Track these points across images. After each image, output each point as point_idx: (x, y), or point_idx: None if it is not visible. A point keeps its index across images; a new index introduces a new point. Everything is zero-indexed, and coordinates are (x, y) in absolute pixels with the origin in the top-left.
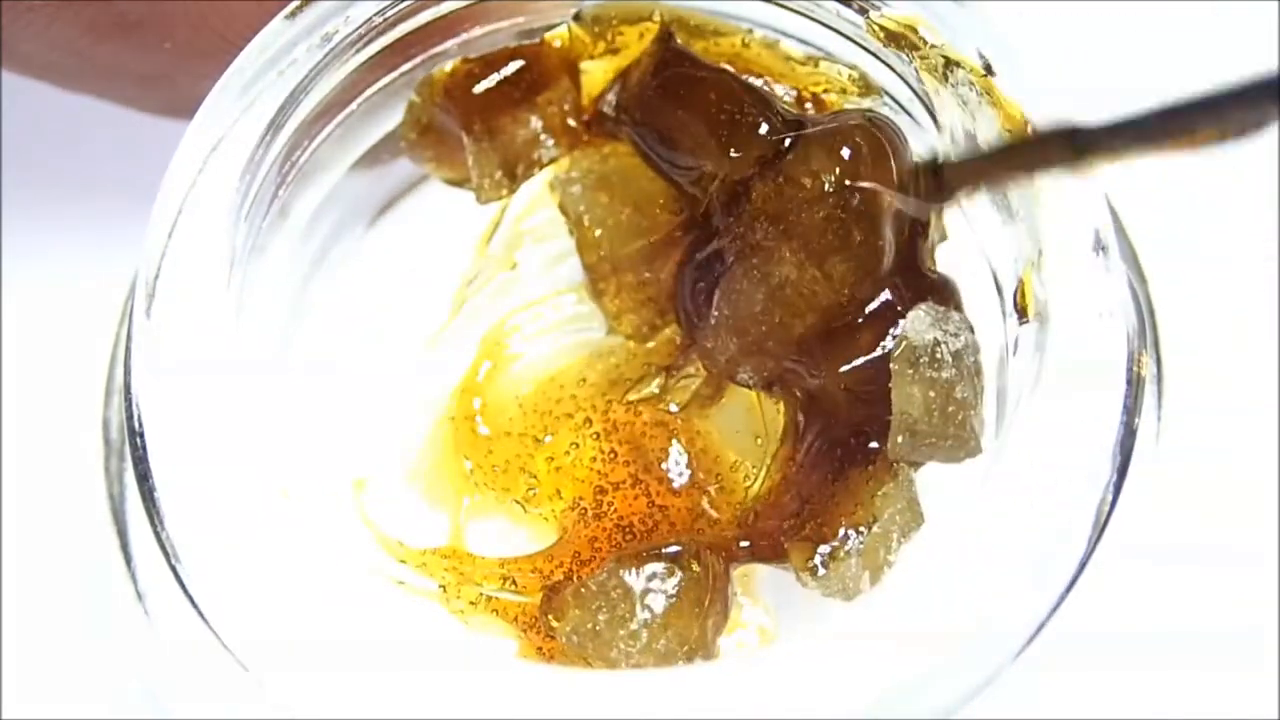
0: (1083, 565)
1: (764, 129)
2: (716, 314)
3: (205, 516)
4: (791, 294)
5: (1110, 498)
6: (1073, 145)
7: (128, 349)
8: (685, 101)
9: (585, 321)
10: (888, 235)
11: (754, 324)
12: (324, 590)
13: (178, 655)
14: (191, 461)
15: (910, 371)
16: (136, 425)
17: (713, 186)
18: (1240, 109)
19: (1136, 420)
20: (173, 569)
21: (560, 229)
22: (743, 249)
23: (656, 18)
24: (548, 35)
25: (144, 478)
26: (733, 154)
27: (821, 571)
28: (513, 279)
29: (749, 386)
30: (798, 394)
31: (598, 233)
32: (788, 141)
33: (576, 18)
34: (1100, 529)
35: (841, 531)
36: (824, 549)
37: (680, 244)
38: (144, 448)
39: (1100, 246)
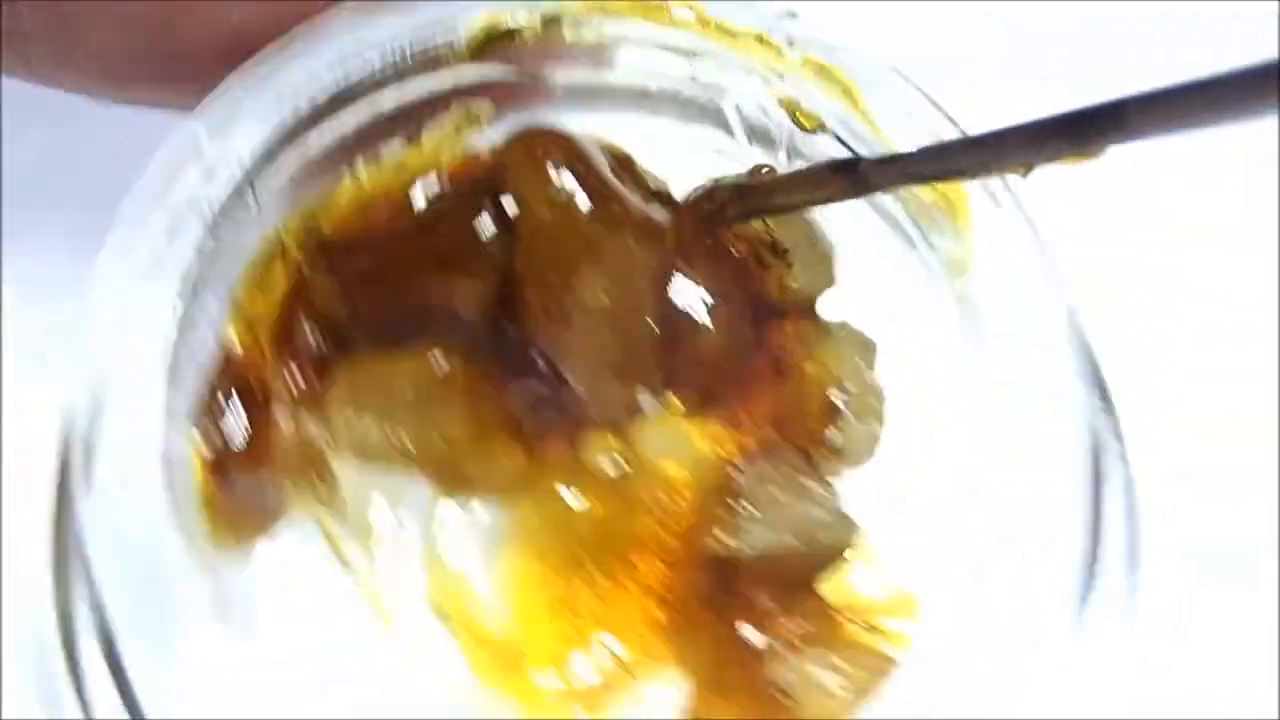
0: None
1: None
2: (574, 382)
3: None
4: (611, 306)
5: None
6: (854, 176)
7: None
8: (398, 277)
9: (474, 512)
10: (637, 211)
11: (607, 355)
12: None
13: None
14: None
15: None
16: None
17: (467, 311)
18: (1022, 147)
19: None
20: None
21: (374, 474)
22: (540, 322)
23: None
24: (230, 351)
25: None
26: (457, 276)
27: (839, 441)
28: (392, 541)
29: (644, 407)
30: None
31: (401, 434)
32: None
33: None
34: None
35: (830, 411)
36: (828, 432)
37: (481, 373)
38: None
39: None
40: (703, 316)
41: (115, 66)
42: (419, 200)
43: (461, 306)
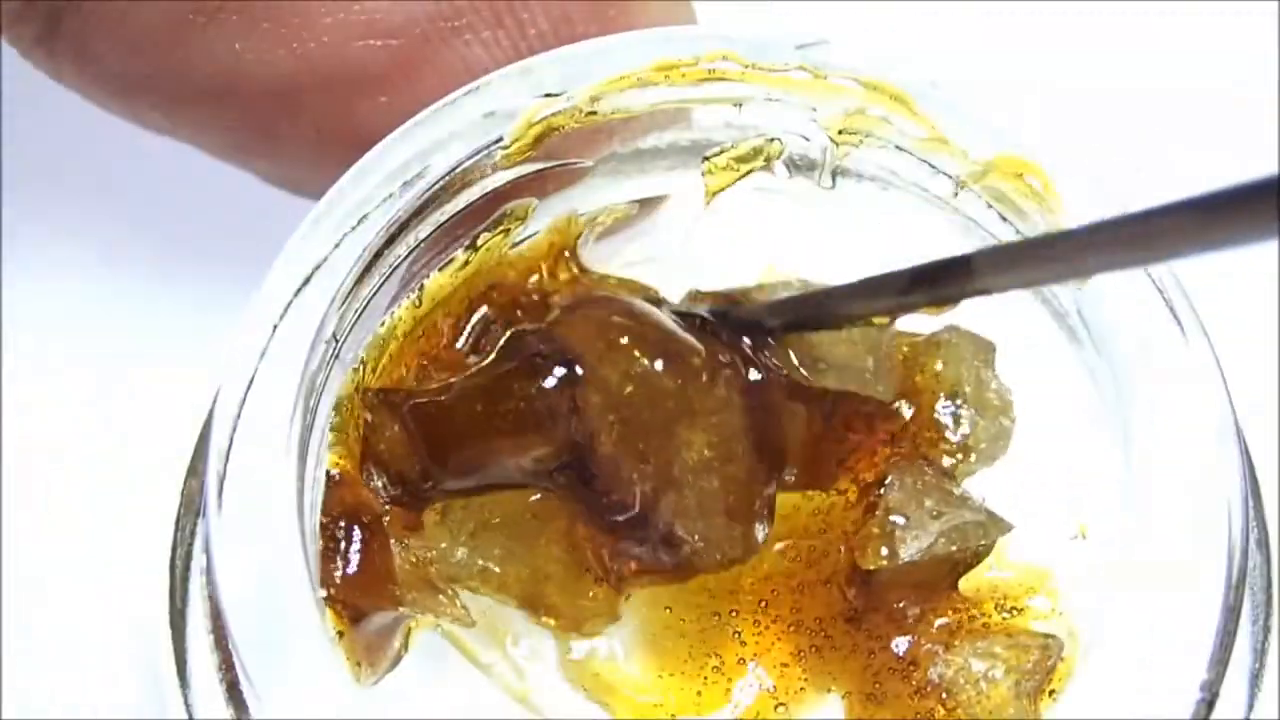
0: None
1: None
2: (687, 535)
3: None
4: (713, 456)
5: None
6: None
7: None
8: (460, 437)
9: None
10: (714, 356)
11: (717, 503)
12: None
13: None
14: None
15: None
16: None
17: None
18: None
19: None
20: None
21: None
22: (643, 490)
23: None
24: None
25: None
26: (528, 438)
27: (971, 439)
28: (525, 634)
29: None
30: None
31: (509, 574)
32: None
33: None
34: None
35: (950, 416)
36: (953, 436)
37: (575, 517)
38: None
39: None
40: (794, 425)
41: (123, 84)
42: (483, 355)
43: (531, 465)
